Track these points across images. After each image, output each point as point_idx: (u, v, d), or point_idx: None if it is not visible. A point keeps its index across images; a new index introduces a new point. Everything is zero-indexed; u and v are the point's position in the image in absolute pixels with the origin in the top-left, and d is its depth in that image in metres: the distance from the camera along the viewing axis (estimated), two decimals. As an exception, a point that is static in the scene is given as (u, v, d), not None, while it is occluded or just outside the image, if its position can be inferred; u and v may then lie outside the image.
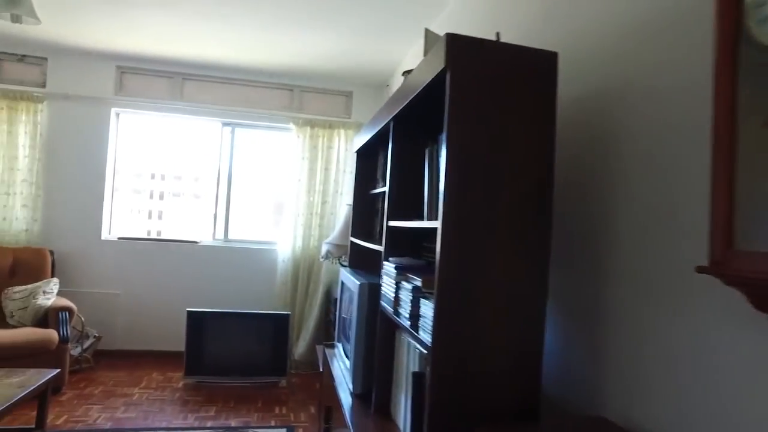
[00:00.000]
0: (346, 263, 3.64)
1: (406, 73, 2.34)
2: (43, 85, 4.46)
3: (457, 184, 1.31)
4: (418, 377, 1.57)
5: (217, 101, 4.67)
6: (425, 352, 1.55)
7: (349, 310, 2.36)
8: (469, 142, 1.33)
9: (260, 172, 4.94)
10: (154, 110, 4.61)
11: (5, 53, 4.43)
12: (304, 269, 4.56)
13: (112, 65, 4.52)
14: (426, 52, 1.89)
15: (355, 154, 3.01)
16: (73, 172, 4.46)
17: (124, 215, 4.87)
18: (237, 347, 4.00)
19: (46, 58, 4.47)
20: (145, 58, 4.44)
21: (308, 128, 4.64)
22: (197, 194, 5.05)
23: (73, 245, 4.43)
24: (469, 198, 1.32)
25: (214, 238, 4.75)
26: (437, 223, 1.36)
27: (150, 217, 5.31)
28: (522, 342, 1.35)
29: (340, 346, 2.61)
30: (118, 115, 4.65)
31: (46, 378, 2.68)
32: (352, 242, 2.89)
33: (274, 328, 4.04)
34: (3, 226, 4.28)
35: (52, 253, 4.21)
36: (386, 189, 2.00)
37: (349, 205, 3.71)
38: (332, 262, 3.73)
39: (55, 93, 4.43)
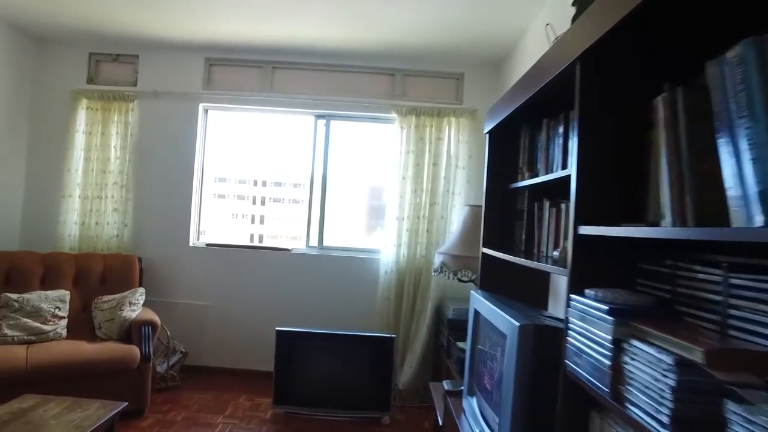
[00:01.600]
0: (466, 279, 2.89)
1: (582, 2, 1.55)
2: (135, 84, 4.21)
3: None
4: None
5: (309, 91, 4.15)
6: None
7: (491, 355, 1.61)
8: None
9: (359, 169, 4.34)
10: (243, 104, 4.18)
11: (102, 54, 4.25)
12: (410, 282, 3.87)
13: (200, 58, 4.16)
14: None
15: (486, 136, 2.26)
16: (160, 174, 4.16)
17: (224, 221, 4.52)
18: (333, 374, 3.39)
19: (137, 56, 4.22)
20: (234, 47, 4.03)
21: (413, 117, 3.96)
22: (294, 198, 4.61)
23: (161, 252, 4.12)
24: None
25: (307, 246, 4.22)
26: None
27: (253, 221, 4.98)
28: None
29: (473, 402, 1.86)
30: (206, 111, 4.29)
31: (110, 415, 2.23)
32: (484, 254, 2.14)
33: (377, 354, 3.39)
34: (96, 231, 4.06)
35: (140, 260, 3.91)
36: (572, 174, 1.22)
37: (474, 206, 2.96)
38: (448, 277, 3.00)
39: (145, 91, 4.15)
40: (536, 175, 1.86)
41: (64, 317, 3.49)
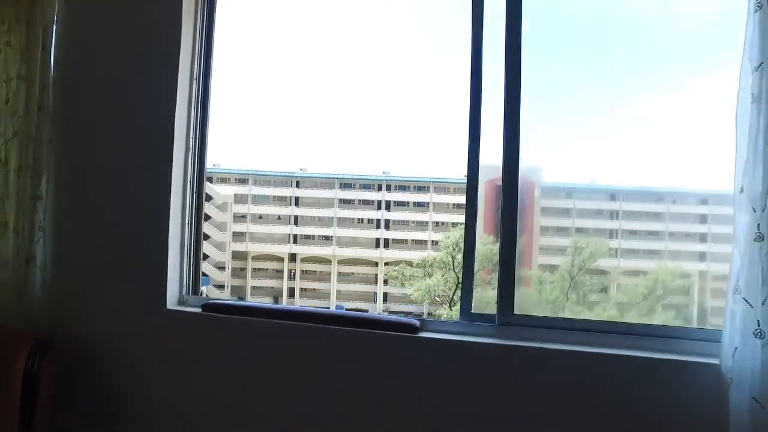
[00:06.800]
0: None
1: None
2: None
3: None
4: None
5: None
6: None
7: None
8: None
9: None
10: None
11: None
12: None
13: None
14: None
15: None
16: (108, 139, 1.79)
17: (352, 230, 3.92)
18: None
19: None
20: None
21: None
22: (419, 201, 3.25)
23: (97, 323, 1.71)
24: None
25: (465, 315, 1.54)
26: None
27: (378, 226, 4.13)
28: None
29: None
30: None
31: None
32: None
33: None
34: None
35: (39, 346, 1.50)
36: None
37: None
38: None
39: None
40: None
41: None
